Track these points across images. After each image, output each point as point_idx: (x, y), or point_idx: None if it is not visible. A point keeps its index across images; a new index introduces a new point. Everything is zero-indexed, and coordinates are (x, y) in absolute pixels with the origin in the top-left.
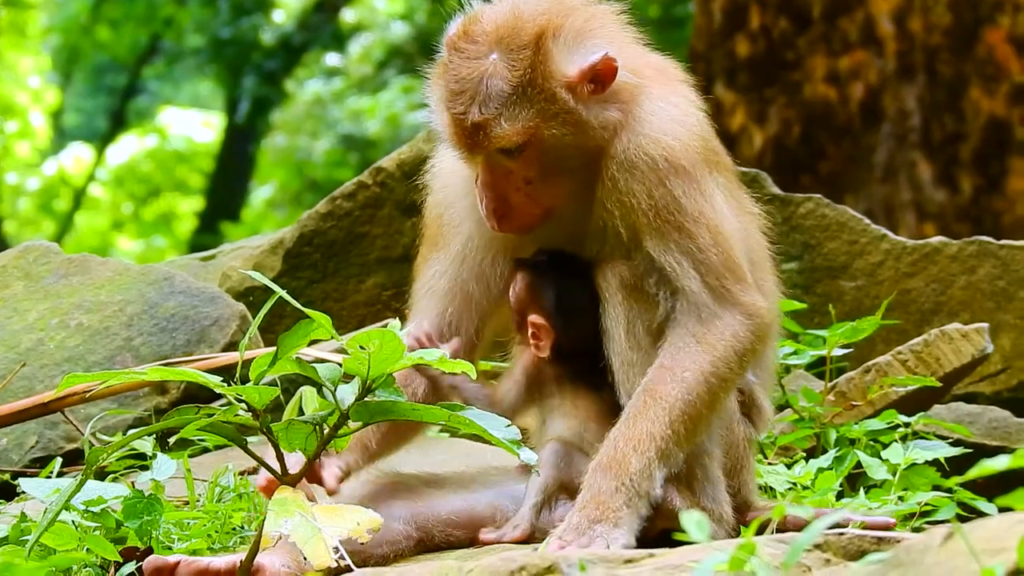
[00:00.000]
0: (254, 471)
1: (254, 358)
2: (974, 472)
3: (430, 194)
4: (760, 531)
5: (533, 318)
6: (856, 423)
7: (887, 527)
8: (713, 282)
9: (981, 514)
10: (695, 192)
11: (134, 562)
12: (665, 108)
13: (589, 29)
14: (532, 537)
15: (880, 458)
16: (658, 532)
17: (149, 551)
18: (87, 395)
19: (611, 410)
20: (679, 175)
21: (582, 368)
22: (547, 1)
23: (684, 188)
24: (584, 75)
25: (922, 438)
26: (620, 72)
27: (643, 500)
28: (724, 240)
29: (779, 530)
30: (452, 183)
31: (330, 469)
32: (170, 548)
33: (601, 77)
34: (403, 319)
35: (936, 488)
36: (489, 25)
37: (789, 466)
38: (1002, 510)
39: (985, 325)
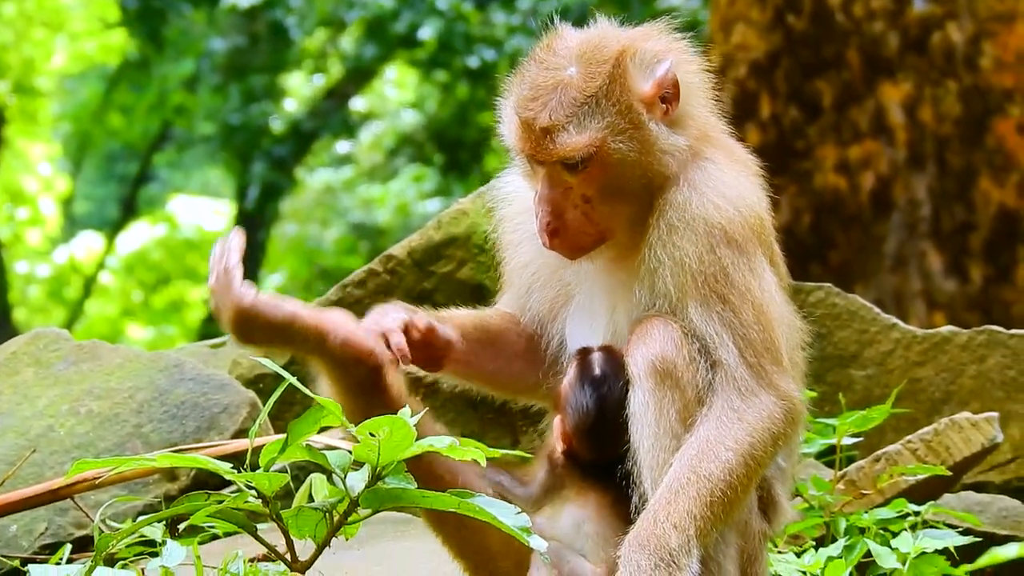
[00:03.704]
0: (264, 558)
1: (264, 445)
2: (984, 561)
3: (496, 218)
4: None
5: (557, 419)
6: (866, 512)
7: None
8: (751, 359)
9: None
10: (744, 267)
11: None
12: (731, 176)
13: (666, 53)
14: None
15: (890, 547)
16: None
17: None
18: (97, 482)
19: (614, 505)
20: (731, 246)
21: (596, 463)
22: (632, 28)
23: (734, 260)
24: (657, 88)
25: (932, 527)
26: (686, 100)
27: None
28: (767, 320)
29: None
30: (517, 206)
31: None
32: None
33: (670, 95)
34: None
35: None
36: (572, 41)
37: (799, 555)
38: None
39: (995, 414)
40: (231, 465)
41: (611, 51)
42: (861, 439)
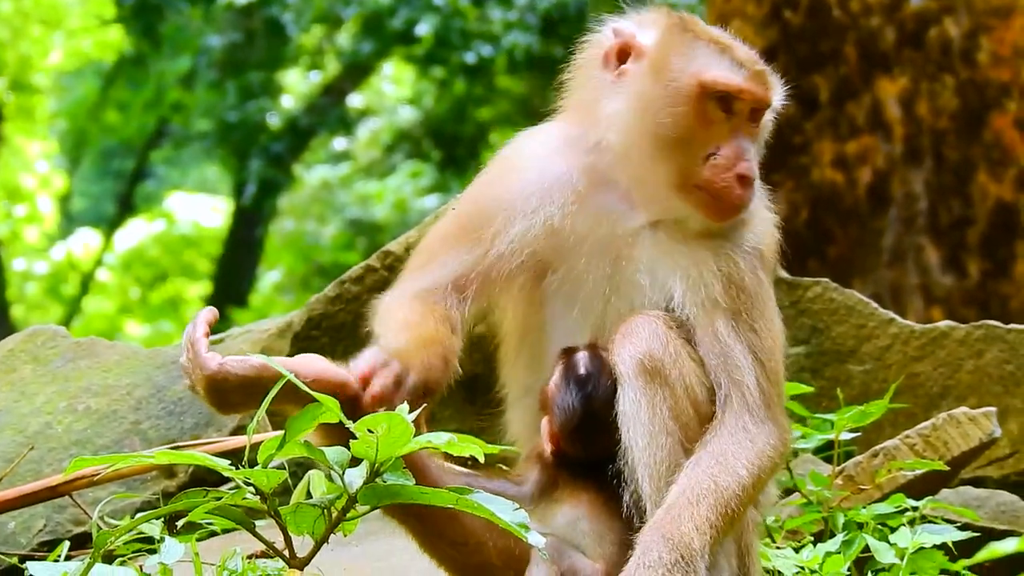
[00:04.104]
0: (262, 554)
1: (262, 441)
2: (982, 555)
3: (491, 172)
4: None
5: (545, 420)
6: (864, 507)
7: None
8: (764, 387)
9: None
10: (770, 298)
11: None
12: (761, 198)
13: None
14: None
15: (888, 542)
16: None
17: None
18: (95, 478)
19: (608, 502)
20: (765, 271)
21: (586, 462)
22: None
23: (766, 288)
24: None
25: (930, 522)
26: None
27: None
28: (777, 354)
29: None
30: (532, 167)
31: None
32: None
33: None
34: None
35: (944, 572)
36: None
37: (797, 550)
38: None
39: (993, 409)
40: (229, 462)
41: None
42: (859, 434)
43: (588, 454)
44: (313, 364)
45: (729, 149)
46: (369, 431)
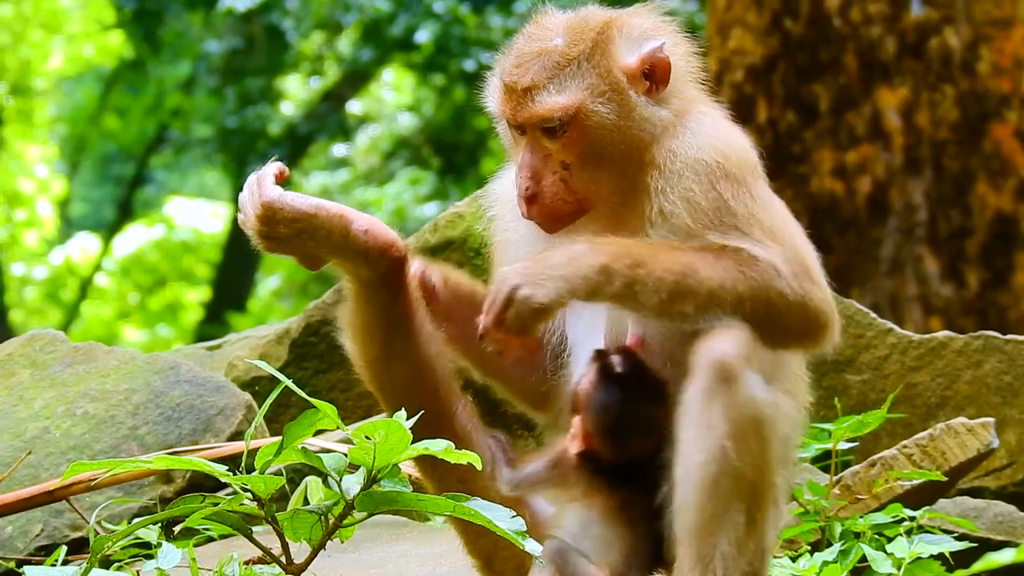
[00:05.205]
0: (259, 560)
1: (260, 447)
2: (979, 566)
3: (488, 217)
4: None
5: (577, 420)
6: (861, 517)
7: None
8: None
9: None
10: (745, 196)
11: None
12: (717, 122)
13: (655, 31)
14: None
15: (885, 552)
16: None
17: None
18: (92, 483)
19: (619, 510)
20: (729, 180)
21: (613, 466)
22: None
23: (734, 193)
24: (642, 63)
25: (927, 532)
26: (674, 81)
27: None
28: (780, 237)
29: None
30: (509, 203)
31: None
32: None
33: (657, 74)
34: None
35: None
36: (561, 16)
37: (794, 559)
38: None
39: (991, 420)
40: (227, 467)
41: (597, 21)
42: (857, 444)
43: (620, 456)
44: (367, 216)
45: (516, 168)
46: (366, 438)
